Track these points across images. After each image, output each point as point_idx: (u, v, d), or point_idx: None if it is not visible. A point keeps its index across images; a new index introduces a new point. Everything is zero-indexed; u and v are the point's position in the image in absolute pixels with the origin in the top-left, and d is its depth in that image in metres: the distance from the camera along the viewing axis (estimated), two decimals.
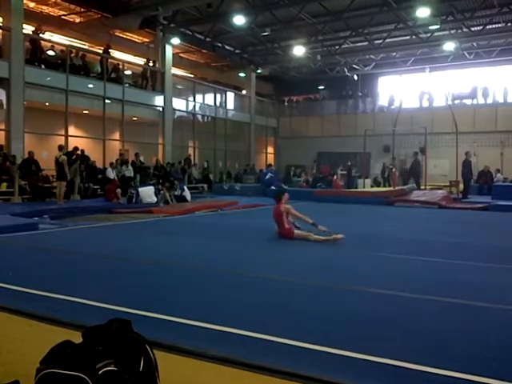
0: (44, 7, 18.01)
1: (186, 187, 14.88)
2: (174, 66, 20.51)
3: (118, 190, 13.73)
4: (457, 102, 23.60)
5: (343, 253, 6.28)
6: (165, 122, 19.70)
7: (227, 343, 2.77)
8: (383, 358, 2.55)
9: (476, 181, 19.52)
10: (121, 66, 18.31)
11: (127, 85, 18.38)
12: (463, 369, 2.42)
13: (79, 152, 15.26)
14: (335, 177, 20.47)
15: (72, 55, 16.37)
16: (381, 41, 21.83)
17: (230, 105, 25.19)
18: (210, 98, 23.68)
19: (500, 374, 2.37)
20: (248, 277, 4.69)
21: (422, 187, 18.03)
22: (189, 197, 14.30)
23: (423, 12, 17.17)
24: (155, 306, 3.48)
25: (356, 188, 20.07)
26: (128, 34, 20.90)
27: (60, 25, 18.51)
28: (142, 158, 17.98)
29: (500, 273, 5.10)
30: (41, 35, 15.83)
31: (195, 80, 23.53)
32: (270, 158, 27.97)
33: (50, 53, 15.92)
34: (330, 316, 3.40)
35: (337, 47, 23.04)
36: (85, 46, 19.37)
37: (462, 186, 16.60)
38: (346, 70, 26.48)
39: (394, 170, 19.92)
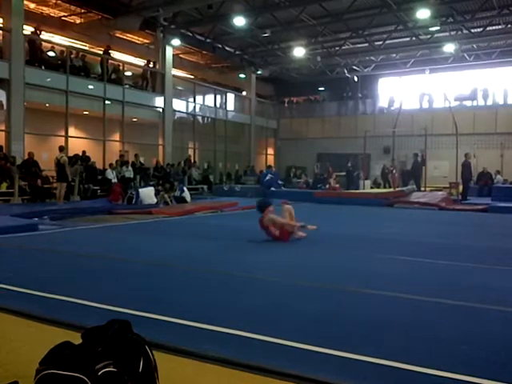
0: (44, 8, 18.04)
1: (185, 188, 14.88)
2: (174, 67, 20.53)
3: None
4: (457, 103, 23.61)
5: (343, 254, 6.27)
6: (165, 123, 19.71)
7: (227, 344, 2.76)
8: (384, 359, 2.55)
9: (476, 182, 19.53)
10: (121, 67, 18.32)
11: (127, 86, 18.40)
12: (463, 371, 2.42)
13: (80, 153, 15.32)
14: (331, 182, 20.49)
15: (72, 56, 16.37)
16: (381, 42, 21.87)
17: (230, 106, 25.21)
18: (210, 99, 23.71)
19: (501, 376, 2.37)
20: (248, 278, 4.68)
21: (422, 189, 18.04)
22: (188, 198, 14.28)
23: (423, 13, 17.19)
24: (154, 306, 3.48)
25: (356, 189, 20.08)
26: (128, 35, 20.93)
27: (60, 26, 18.55)
28: (142, 159, 17.99)
29: (501, 274, 5.10)
30: (39, 35, 15.83)
31: (195, 81, 23.57)
32: (270, 160, 27.99)
33: (51, 54, 15.94)
34: (330, 317, 3.40)
35: (337, 48, 23.09)
36: (85, 46, 19.39)
37: (461, 188, 16.62)
38: (346, 71, 26.52)
39: (394, 171, 19.92)
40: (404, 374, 2.42)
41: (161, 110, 19.66)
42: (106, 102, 16.89)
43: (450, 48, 21.18)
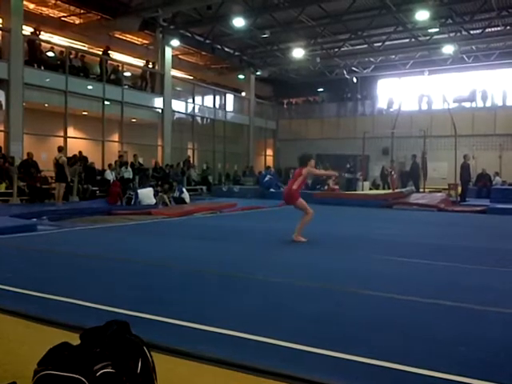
0: (44, 8, 18.03)
1: (184, 189, 14.87)
2: (173, 67, 20.52)
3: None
4: (456, 105, 23.62)
5: (342, 255, 6.28)
6: (164, 123, 19.70)
7: (224, 345, 2.77)
8: (381, 360, 2.55)
9: (474, 184, 19.54)
10: (120, 68, 18.31)
11: (126, 86, 18.38)
12: (460, 372, 2.42)
13: (77, 153, 15.31)
14: (330, 183, 20.49)
15: (71, 56, 16.37)
16: (380, 43, 21.88)
17: (230, 107, 25.21)
18: (209, 100, 23.72)
19: (499, 378, 2.37)
20: (246, 279, 4.68)
21: (421, 190, 18.04)
22: (187, 199, 14.28)
23: (422, 15, 17.20)
24: (153, 307, 3.48)
25: (354, 190, 20.08)
26: (127, 35, 20.93)
27: (60, 26, 18.54)
28: (141, 160, 17.97)
29: (499, 276, 5.10)
30: (39, 36, 15.82)
31: (194, 82, 23.56)
32: (269, 160, 27.99)
33: (50, 54, 15.93)
34: (328, 318, 3.40)
35: (336, 50, 23.09)
36: (84, 47, 19.37)
37: (460, 189, 16.63)
38: (345, 72, 26.54)
39: (392, 172, 19.93)
40: (401, 374, 2.42)
41: (160, 110, 19.65)
42: (105, 102, 16.88)
43: (449, 49, 21.19)
